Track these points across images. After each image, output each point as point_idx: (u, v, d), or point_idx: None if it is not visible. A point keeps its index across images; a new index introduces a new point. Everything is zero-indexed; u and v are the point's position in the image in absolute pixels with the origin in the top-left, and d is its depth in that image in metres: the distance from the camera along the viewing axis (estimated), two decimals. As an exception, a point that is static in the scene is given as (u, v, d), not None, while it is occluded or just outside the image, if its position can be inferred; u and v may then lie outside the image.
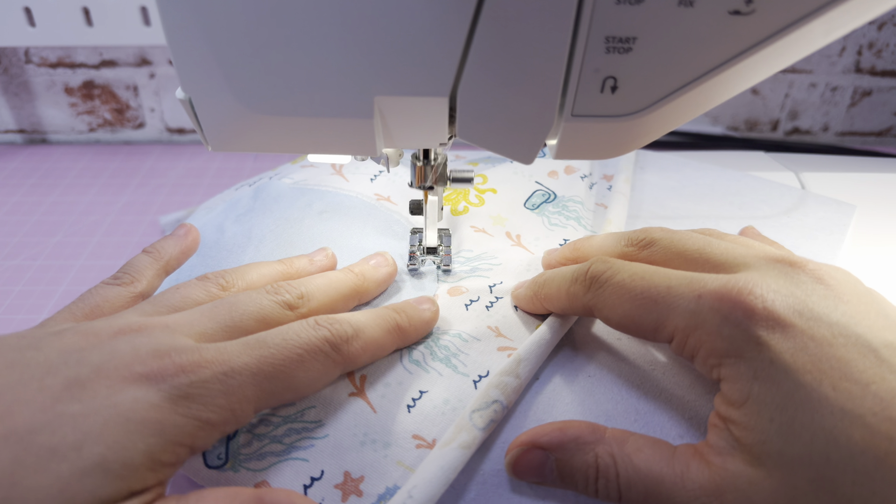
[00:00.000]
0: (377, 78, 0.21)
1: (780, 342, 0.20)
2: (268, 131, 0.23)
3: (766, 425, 0.20)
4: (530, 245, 0.37)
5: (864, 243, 0.39)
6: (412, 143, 0.24)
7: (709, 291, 0.22)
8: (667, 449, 0.22)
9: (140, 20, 0.53)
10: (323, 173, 0.41)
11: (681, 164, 0.47)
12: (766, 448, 0.20)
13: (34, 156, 0.60)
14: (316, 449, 0.25)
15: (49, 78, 0.60)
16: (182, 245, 0.30)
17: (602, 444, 0.23)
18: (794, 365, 0.20)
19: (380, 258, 0.32)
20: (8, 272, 0.43)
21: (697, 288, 0.22)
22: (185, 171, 0.58)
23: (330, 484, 0.24)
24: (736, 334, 0.21)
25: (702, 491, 0.20)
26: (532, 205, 0.39)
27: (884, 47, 0.61)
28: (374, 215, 0.37)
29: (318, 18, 0.20)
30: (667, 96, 0.21)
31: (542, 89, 0.21)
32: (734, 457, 0.21)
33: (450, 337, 0.29)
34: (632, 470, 0.22)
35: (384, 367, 0.28)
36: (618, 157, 0.27)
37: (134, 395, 0.20)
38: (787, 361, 0.20)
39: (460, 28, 0.20)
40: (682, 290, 0.23)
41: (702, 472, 0.21)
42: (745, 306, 0.21)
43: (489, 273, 0.34)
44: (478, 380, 0.27)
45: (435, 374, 0.27)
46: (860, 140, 0.68)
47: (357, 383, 0.27)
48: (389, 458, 0.24)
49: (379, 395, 0.26)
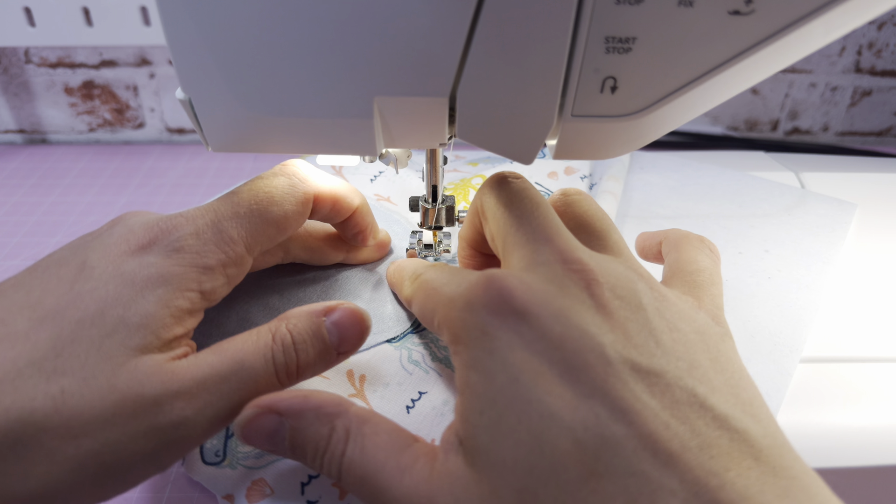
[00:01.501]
0: (377, 78, 0.21)
1: (505, 334, 0.19)
2: (268, 132, 0.23)
3: (476, 418, 0.19)
4: None
5: (864, 243, 0.39)
6: (412, 144, 0.24)
7: (469, 280, 0.21)
8: (405, 440, 0.21)
9: (140, 20, 0.53)
10: (323, 173, 0.41)
11: (681, 164, 0.47)
12: (475, 444, 0.19)
13: (34, 156, 0.60)
14: None
15: (49, 78, 0.60)
16: None
17: (342, 418, 0.21)
18: (513, 359, 0.19)
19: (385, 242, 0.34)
20: (8, 272, 0.43)
21: (465, 278, 0.22)
22: (185, 171, 0.58)
23: (328, 482, 0.24)
24: (469, 319, 0.20)
25: (415, 490, 0.19)
26: None
27: (884, 47, 0.61)
28: (374, 215, 0.37)
29: (317, 19, 0.20)
30: (667, 96, 0.21)
31: (542, 89, 0.21)
32: (457, 455, 0.19)
33: None
34: (358, 451, 0.20)
35: (384, 368, 0.28)
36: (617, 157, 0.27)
37: (136, 262, 0.22)
38: (505, 354, 0.19)
39: (460, 28, 0.20)
40: (456, 280, 0.22)
41: (422, 471, 0.19)
42: (485, 292, 0.20)
43: None
44: None
45: (434, 374, 0.27)
46: (860, 140, 0.68)
47: (357, 384, 0.27)
48: None
49: (378, 395, 0.26)
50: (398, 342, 0.29)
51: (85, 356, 0.20)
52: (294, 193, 0.26)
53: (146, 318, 0.21)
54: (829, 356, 0.31)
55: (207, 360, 0.22)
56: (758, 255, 0.36)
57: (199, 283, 0.23)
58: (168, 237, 0.23)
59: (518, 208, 0.23)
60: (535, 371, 0.19)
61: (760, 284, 0.34)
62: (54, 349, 0.20)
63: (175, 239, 0.23)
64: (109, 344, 0.20)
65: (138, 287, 0.22)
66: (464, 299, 0.21)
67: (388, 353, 0.29)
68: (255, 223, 0.25)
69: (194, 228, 0.23)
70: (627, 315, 0.20)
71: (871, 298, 0.35)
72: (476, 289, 0.21)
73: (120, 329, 0.21)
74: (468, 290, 0.21)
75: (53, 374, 0.19)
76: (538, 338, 0.19)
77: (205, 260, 0.23)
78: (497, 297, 0.20)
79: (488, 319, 0.20)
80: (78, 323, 0.20)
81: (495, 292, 0.20)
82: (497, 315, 0.20)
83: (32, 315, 0.21)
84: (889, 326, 0.33)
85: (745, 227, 0.39)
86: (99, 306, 0.21)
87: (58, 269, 0.22)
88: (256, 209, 0.25)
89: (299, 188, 0.27)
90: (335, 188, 0.29)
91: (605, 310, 0.20)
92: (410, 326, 0.30)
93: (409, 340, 0.29)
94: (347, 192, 0.29)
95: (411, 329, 0.30)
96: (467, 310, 0.21)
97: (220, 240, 0.24)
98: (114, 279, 0.22)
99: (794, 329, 0.31)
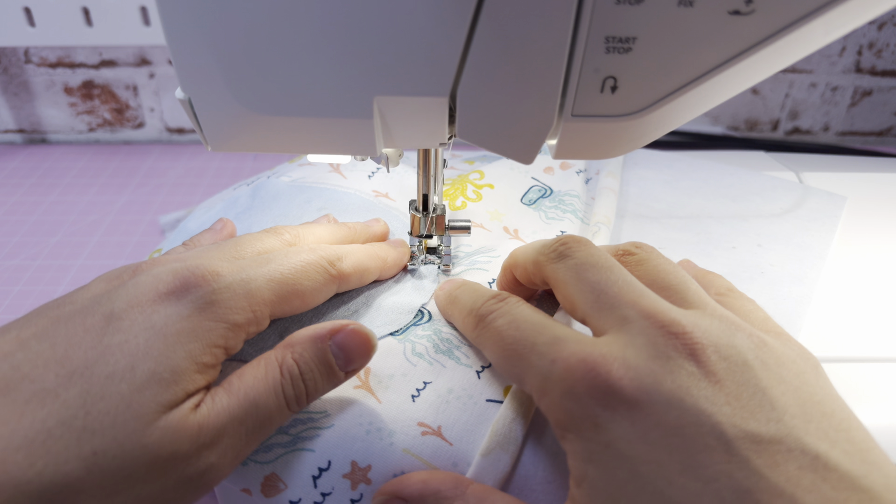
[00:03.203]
0: (377, 78, 0.21)
1: (619, 426, 0.19)
2: (267, 131, 0.23)
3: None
4: (528, 238, 0.37)
5: (864, 243, 0.39)
6: (412, 143, 0.24)
7: (562, 358, 0.21)
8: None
9: (140, 20, 0.53)
10: (321, 171, 0.41)
11: (673, 160, 0.47)
12: None
13: (34, 156, 0.60)
14: (322, 439, 0.25)
15: (49, 78, 0.60)
16: (218, 239, 0.31)
17: (460, 501, 0.22)
18: (631, 452, 0.18)
19: (403, 249, 0.33)
20: (7, 272, 0.43)
21: (555, 351, 0.21)
22: (184, 171, 0.58)
23: (338, 474, 0.24)
24: (576, 410, 0.20)
25: None
26: (529, 200, 0.40)
27: (884, 47, 0.61)
28: (373, 212, 0.37)
29: (317, 18, 0.20)
30: (667, 96, 0.21)
31: (542, 89, 0.21)
32: None
33: (450, 330, 0.29)
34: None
35: (388, 361, 0.28)
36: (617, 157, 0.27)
37: (165, 312, 0.22)
38: (623, 448, 0.19)
39: (460, 28, 0.20)
40: (543, 350, 0.21)
41: None
42: (589, 381, 0.20)
43: (488, 266, 0.34)
44: (480, 370, 0.27)
45: (438, 366, 0.28)
46: (860, 140, 0.68)
47: (362, 376, 0.27)
48: (395, 447, 0.25)
49: (383, 386, 0.27)
50: (401, 335, 0.30)
51: (115, 413, 0.20)
52: (325, 276, 0.27)
53: (176, 374, 0.21)
54: (830, 357, 0.31)
55: (224, 404, 0.22)
56: (751, 250, 0.37)
57: (225, 340, 0.23)
58: (200, 289, 0.23)
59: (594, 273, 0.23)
60: (655, 462, 0.18)
61: (754, 279, 0.34)
62: (84, 407, 0.20)
63: (208, 292, 0.23)
64: (140, 400, 0.20)
65: (170, 341, 0.21)
66: (563, 387, 0.20)
67: (392, 346, 0.29)
68: (285, 292, 0.25)
69: (227, 283, 0.23)
70: (736, 378, 0.19)
71: (871, 299, 0.35)
72: (576, 375, 0.20)
73: (151, 385, 0.20)
74: (565, 374, 0.20)
75: (84, 433, 0.19)
76: (653, 426, 0.19)
77: (234, 317, 0.23)
78: (604, 386, 0.19)
79: (597, 412, 0.19)
80: (108, 378, 0.20)
81: (601, 382, 0.19)
82: (607, 407, 0.19)
83: (60, 371, 0.20)
84: (889, 327, 0.33)
85: (738, 221, 0.39)
86: (129, 360, 0.21)
87: (83, 319, 0.22)
88: (290, 279, 0.25)
89: (332, 272, 0.27)
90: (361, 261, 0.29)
91: (715, 377, 0.19)
92: (413, 319, 0.30)
93: (411, 333, 0.30)
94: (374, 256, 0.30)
95: (413, 322, 0.30)
96: (571, 399, 0.20)
97: (250, 299, 0.24)
98: (144, 331, 0.21)
99: (789, 323, 0.31)
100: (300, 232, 0.29)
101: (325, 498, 0.24)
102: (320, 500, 0.24)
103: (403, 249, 0.33)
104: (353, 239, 0.32)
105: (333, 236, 0.31)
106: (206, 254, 0.26)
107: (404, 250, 0.33)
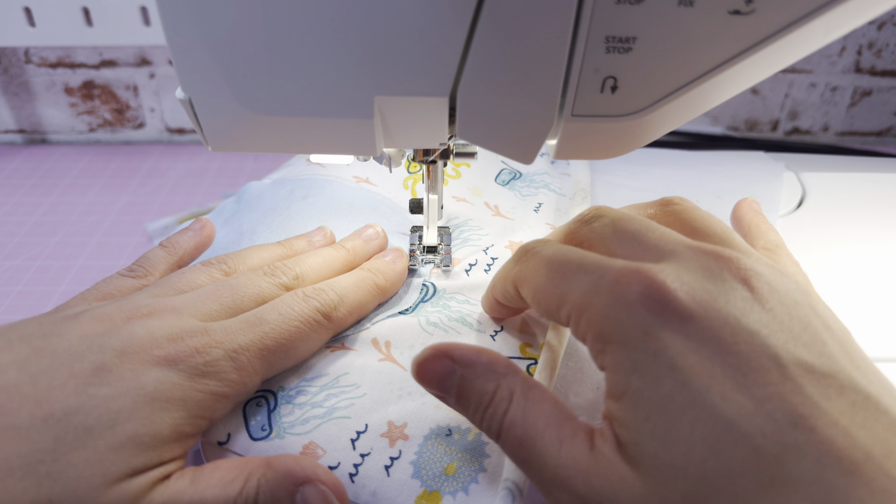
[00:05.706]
0: (377, 78, 0.21)
1: (671, 336, 0.18)
2: (268, 131, 0.23)
3: (641, 424, 0.18)
4: (508, 213, 0.39)
5: (864, 243, 0.39)
6: (412, 143, 0.24)
7: (614, 270, 0.20)
8: (566, 415, 0.21)
9: (140, 20, 0.53)
10: (299, 166, 0.42)
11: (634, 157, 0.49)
12: (640, 450, 0.18)
13: (34, 156, 0.60)
14: (356, 406, 0.26)
15: (49, 78, 0.60)
16: (197, 240, 0.31)
17: (509, 378, 0.21)
18: (682, 363, 0.18)
19: (371, 230, 0.33)
20: (8, 272, 0.43)
21: (605, 267, 0.21)
22: (185, 171, 0.58)
23: (376, 434, 0.25)
24: (624, 318, 0.19)
25: (572, 463, 0.19)
26: (502, 181, 0.42)
27: (884, 47, 0.61)
28: (357, 195, 0.38)
29: (317, 18, 0.20)
30: (667, 96, 0.21)
31: (542, 89, 0.21)
32: (613, 451, 0.19)
33: (458, 303, 0.31)
34: (520, 413, 0.20)
35: (406, 332, 0.29)
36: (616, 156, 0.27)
37: (157, 376, 0.22)
38: (673, 357, 0.18)
39: (460, 28, 0.20)
40: (591, 268, 0.21)
41: (581, 448, 0.19)
42: (641, 289, 0.19)
43: (480, 240, 0.35)
44: (494, 335, 0.29)
45: (454, 332, 0.29)
46: (860, 140, 0.68)
47: (384, 350, 0.28)
48: (428, 405, 0.26)
49: (406, 357, 0.28)
50: (412, 312, 0.31)
51: (83, 467, 0.19)
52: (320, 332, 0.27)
53: (157, 440, 0.21)
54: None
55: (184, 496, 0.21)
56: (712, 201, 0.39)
57: (212, 412, 0.23)
58: (194, 359, 0.23)
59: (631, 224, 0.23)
60: (709, 375, 0.18)
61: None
62: (53, 453, 0.19)
63: (203, 363, 0.23)
64: (112, 459, 0.20)
65: (157, 406, 0.21)
66: (613, 296, 0.20)
67: (407, 321, 0.30)
68: (278, 358, 0.25)
69: (220, 355, 0.23)
70: (788, 311, 0.19)
71: (871, 299, 0.35)
72: (627, 283, 0.19)
73: (129, 446, 0.20)
74: (615, 282, 0.20)
75: (46, 479, 0.19)
76: (708, 340, 0.18)
77: (224, 389, 0.23)
78: (658, 295, 0.19)
79: (649, 320, 0.19)
80: (86, 431, 0.20)
81: (655, 290, 0.19)
82: (659, 316, 0.19)
83: (37, 411, 0.20)
84: (889, 326, 0.33)
85: None
86: (112, 417, 0.20)
87: (71, 362, 0.21)
88: (284, 344, 0.25)
89: (327, 325, 0.27)
90: (359, 301, 0.29)
91: (768, 304, 0.19)
92: (419, 297, 0.32)
93: (421, 310, 0.31)
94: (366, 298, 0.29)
95: (420, 300, 0.31)
96: (620, 306, 0.19)
97: (241, 372, 0.24)
98: (132, 391, 0.21)
99: None
100: (299, 272, 0.28)
101: (364, 458, 0.24)
102: (359, 461, 0.24)
103: (402, 263, 0.32)
104: (354, 263, 0.31)
105: (331, 267, 0.30)
106: (201, 307, 0.25)
107: (403, 264, 0.32)
